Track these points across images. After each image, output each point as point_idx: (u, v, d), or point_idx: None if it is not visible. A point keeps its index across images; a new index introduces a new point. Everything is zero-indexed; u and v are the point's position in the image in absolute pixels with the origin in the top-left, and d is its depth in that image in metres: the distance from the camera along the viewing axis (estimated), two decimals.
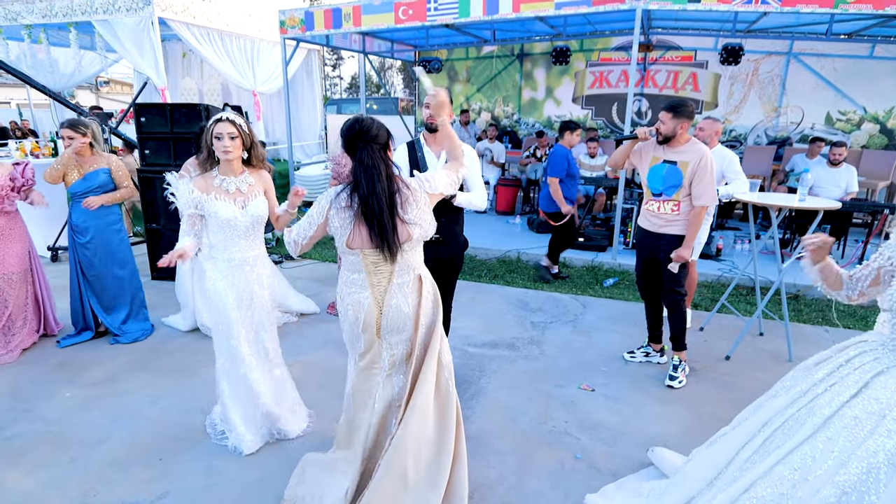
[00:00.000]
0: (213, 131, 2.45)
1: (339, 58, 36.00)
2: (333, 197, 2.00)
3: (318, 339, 4.00)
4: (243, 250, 2.61)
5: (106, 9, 7.16)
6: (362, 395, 2.21)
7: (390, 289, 2.06)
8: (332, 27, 6.93)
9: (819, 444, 1.60)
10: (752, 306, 4.59)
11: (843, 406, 1.61)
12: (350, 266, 2.08)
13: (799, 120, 8.25)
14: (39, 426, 2.89)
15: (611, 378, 3.46)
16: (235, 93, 10.72)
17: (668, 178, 3.24)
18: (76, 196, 3.71)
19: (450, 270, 3.14)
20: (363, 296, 2.07)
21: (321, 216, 2.03)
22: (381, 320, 2.08)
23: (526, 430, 2.89)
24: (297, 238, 2.09)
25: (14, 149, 6.05)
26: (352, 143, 1.97)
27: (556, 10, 5.60)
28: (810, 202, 3.60)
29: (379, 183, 1.92)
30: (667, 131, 3.21)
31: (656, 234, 3.35)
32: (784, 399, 1.81)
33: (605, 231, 6.32)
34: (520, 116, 10.27)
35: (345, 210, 1.97)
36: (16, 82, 7.88)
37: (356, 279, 2.08)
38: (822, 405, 1.65)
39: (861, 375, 1.63)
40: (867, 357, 1.65)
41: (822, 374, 1.73)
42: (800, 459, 1.62)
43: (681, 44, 8.63)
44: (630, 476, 2.49)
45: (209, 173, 2.54)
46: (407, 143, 2.96)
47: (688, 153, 3.21)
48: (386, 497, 2.01)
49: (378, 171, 1.93)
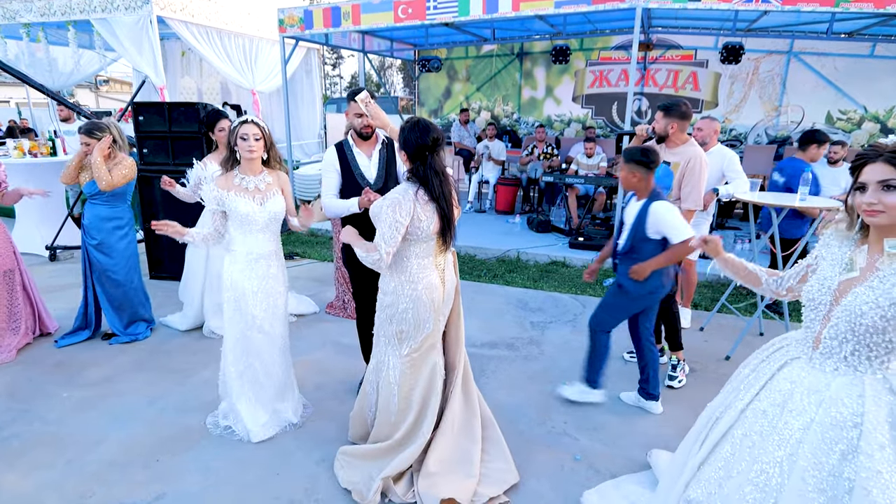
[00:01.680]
0: (240, 132, 2.59)
1: (338, 57, 35.98)
2: (412, 197, 2.18)
3: (316, 340, 3.99)
4: (261, 245, 2.73)
5: (104, 7, 7.14)
6: (420, 381, 2.40)
7: (447, 265, 2.39)
8: (331, 26, 6.92)
9: (737, 439, 1.67)
10: (753, 306, 4.58)
11: (753, 400, 1.68)
12: (421, 252, 2.29)
13: (799, 119, 8.24)
14: (37, 427, 2.88)
15: (610, 378, 3.44)
16: (234, 92, 10.70)
17: (662, 178, 3.24)
18: (91, 196, 3.72)
19: None
20: (433, 277, 2.31)
21: (407, 216, 2.16)
22: (444, 295, 2.36)
23: (525, 431, 2.88)
24: (390, 248, 2.16)
25: (12, 147, 6.03)
26: (422, 151, 2.19)
27: (555, 8, 5.59)
28: (810, 201, 3.59)
29: (446, 185, 2.24)
30: (659, 130, 3.23)
31: None
32: (719, 397, 1.90)
33: (605, 231, 6.31)
34: (519, 115, 10.25)
35: (429, 203, 2.21)
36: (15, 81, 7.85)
37: (426, 263, 2.30)
38: (737, 401, 1.75)
39: (769, 368, 1.70)
40: (781, 352, 1.72)
41: (747, 371, 1.80)
42: (722, 457, 1.69)
43: (681, 43, 8.62)
44: (629, 476, 2.48)
45: (230, 173, 2.67)
46: (335, 144, 2.92)
47: (680, 154, 3.21)
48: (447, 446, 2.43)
49: (445, 175, 2.24)
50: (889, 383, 1.44)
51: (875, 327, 1.41)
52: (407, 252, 2.27)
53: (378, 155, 2.91)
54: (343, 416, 2.99)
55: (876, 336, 1.42)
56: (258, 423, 2.76)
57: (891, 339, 1.42)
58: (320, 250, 6.35)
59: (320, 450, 2.69)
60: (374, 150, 2.91)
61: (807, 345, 1.61)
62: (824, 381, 1.52)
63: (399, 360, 2.38)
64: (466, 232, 5.66)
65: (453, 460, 2.42)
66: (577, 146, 7.98)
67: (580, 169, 7.34)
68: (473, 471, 2.39)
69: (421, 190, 2.20)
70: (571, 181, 6.94)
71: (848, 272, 1.51)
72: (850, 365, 1.49)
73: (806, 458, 1.45)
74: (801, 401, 1.54)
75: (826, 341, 1.53)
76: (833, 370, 1.52)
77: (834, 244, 1.61)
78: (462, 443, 2.48)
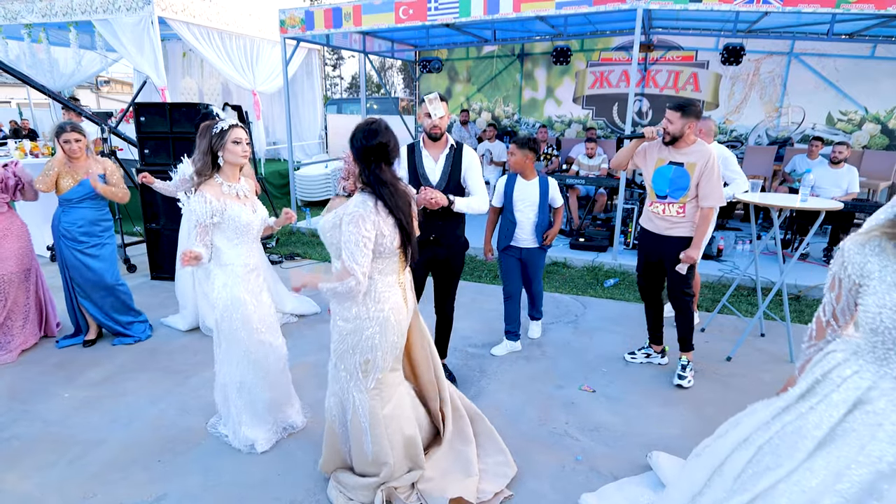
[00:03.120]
0: (232, 136, 2.48)
1: (339, 57, 35.99)
2: (373, 209, 1.98)
3: (316, 341, 3.99)
4: (254, 255, 2.65)
5: (106, 8, 7.15)
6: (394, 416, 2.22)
7: (408, 283, 2.23)
8: (332, 27, 6.92)
9: (818, 461, 1.48)
10: (754, 307, 4.58)
11: (838, 425, 1.49)
12: (386, 269, 2.10)
13: (800, 120, 8.23)
14: (38, 427, 2.88)
15: (612, 379, 3.45)
16: (235, 92, 10.71)
17: (676, 180, 3.18)
18: (71, 202, 3.60)
19: (448, 271, 3.14)
20: (398, 296, 2.14)
21: (374, 230, 1.97)
22: (407, 316, 2.20)
23: (526, 432, 2.88)
24: (364, 267, 1.96)
25: (13, 148, 6.04)
26: (366, 155, 2.01)
27: (556, 9, 5.58)
28: (812, 203, 3.59)
29: (399, 196, 2.04)
30: (674, 131, 3.12)
31: (661, 236, 3.30)
32: (764, 414, 1.70)
33: (606, 231, 6.31)
34: (520, 116, 10.25)
35: (389, 216, 2.02)
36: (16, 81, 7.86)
37: (391, 281, 2.12)
38: (812, 426, 1.53)
39: (847, 393, 1.50)
40: (846, 370, 1.53)
41: (799, 391, 1.61)
42: (798, 477, 1.49)
43: (682, 44, 8.61)
44: (631, 478, 2.48)
45: (213, 180, 2.51)
46: (408, 145, 2.97)
47: (694, 154, 3.14)
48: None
49: (395, 186, 2.04)
50: None
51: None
52: (371, 271, 2.07)
53: (445, 159, 2.96)
54: None
55: None
56: (259, 437, 2.68)
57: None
58: (321, 251, 6.36)
59: (321, 451, 2.68)
60: (442, 153, 2.96)
61: (889, 366, 1.43)
62: None
63: (365, 395, 2.16)
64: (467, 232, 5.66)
65: (452, 467, 2.39)
66: (577, 147, 7.98)
67: (581, 170, 7.33)
68: (473, 469, 2.38)
69: (379, 202, 2.00)
70: (572, 182, 6.94)
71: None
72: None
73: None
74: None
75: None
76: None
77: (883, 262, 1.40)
78: (456, 446, 2.46)
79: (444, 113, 2.86)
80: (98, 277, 3.71)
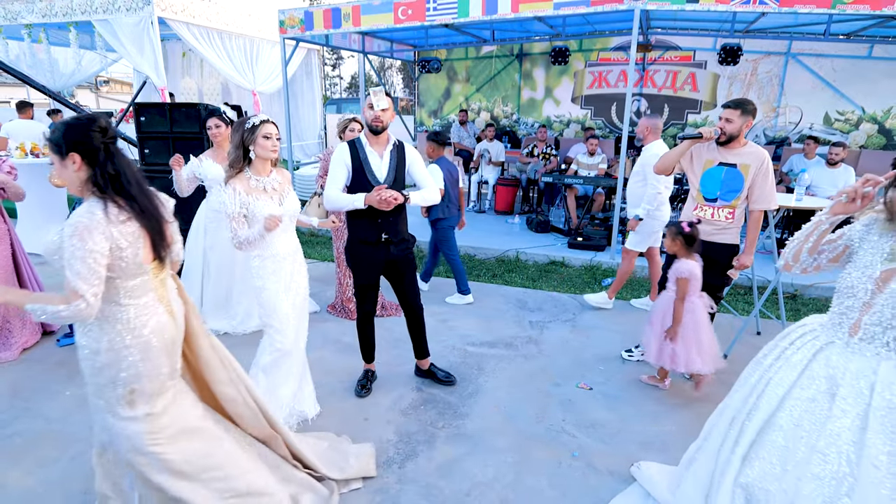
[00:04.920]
0: (262, 132, 2.53)
1: (338, 57, 36.02)
2: (104, 217, 1.64)
3: (317, 339, 4.01)
4: (285, 244, 2.71)
5: (106, 8, 7.18)
6: (185, 441, 1.88)
7: (170, 291, 1.91)
8: (331, 27, 6.95)
9: (787, 429, 1.69)
10: (750, 305, 4.61)
11: (794, 387, 1.72)
12: (138, 291, 1.77)
13: (797, 120, 8.27)
14: (40, 424, 2.91)
15: (609, 377, 3.48)
16: (235, 92, 10.74)
17: (729, 181, 3.07)
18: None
19: (405, 267, 3.09)
20: (161, 314, 1.83)
21: (106, 242, 1.64)
22: (176, 329, 1.89)
23: (524, 429, 2.90)
24: (94, 287, 1.63)
25: (13, 148, 6.06)
26: (91, 154, 1.67)
27: (554, 10, 5.61)
28: (807, 202, 3.62)
29: (142, 198, 1.75)
30: (733, 130, 3.00)
31: (704, 241, 3.12)
32: (742, 392, 1.92)
33: (604, 231, 6.34)
34: (519, 116, 10.28)
35: (127, 222, 1.70)
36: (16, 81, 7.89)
37: (148, 302, 1.80)
38: (774, 387, 1.77)
39: (801, 355, 1.75)
40: (807, 337, 1.78)
41: (770, 361, 1.85)
42: (776, 448, 1.70)
43: (679, 44, 8.65)
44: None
45: (243, 174, 2.59)
46: (348, 141, 2.94)
47: (748, 155, 3.03)
48: None
49: (130, 172, 1.74)
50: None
51: None
52: (116, 295, 1.74)
53: (389, 155, 2.93)
54: (344, 413, 3.02)
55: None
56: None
57: None
58: (320, 250, 6.38)
59: None
60: (386, 150, 2.92)
61: (842, 330, 1.68)
62: (869, 366, 1.58)
63: (140, 425, 1.79)
64: (466, 232, 5.68)
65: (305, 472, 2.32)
66: (576, 146, 8.00)
67: (580, 169, 7.36)
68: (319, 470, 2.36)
69: (111, 205, 1.68)
70: (570, 181, 6.97)
71: (890, 262, 1.59)
72: (892, 349, 1.56)
73: (874, 444, 1.49)
74: (850, 386, 1.58)
75: (867, 327, 1.60)
76: (875, 355, 1.59)
77: (874, 234, 1.67)
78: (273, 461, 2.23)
79: (387, 106, 2.82)
80: None
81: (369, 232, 2.92)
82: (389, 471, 2.57)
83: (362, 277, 3.04)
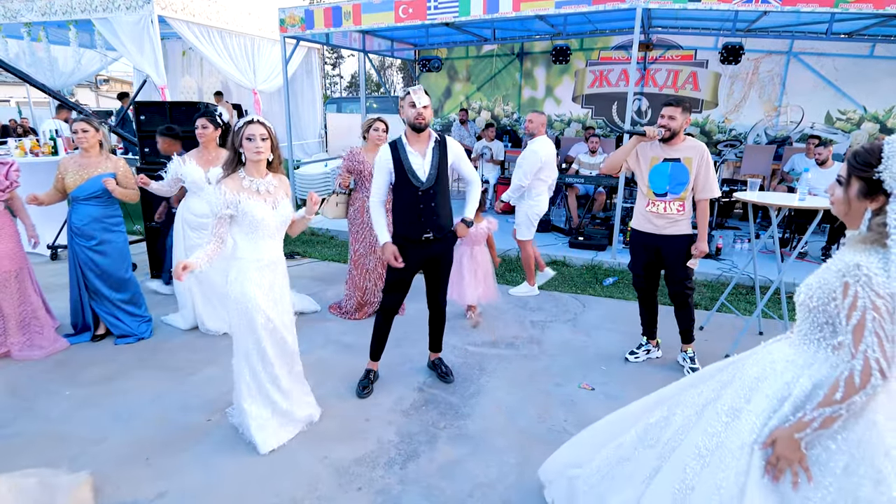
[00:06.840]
0: (245, 133, 2.48)
1: (339, 56, 35.97)
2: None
3: (318, 338, 4.00)
4: (270, 251, 2.62)
5: (105, 7, 7.15)
6: None
7: None
8: (332, 26, 6.93)
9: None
10: (752, 305, 4.60)
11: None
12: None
13: (799, 119, 8.25)
14: (40, 424, 2.89)
15: (610, 377, 3.46)
16: (235, 91, 10.72)
17: (676, 175, 3.24)
18: (79, 199, 3.64)
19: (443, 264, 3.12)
20: None
21: None
22: None
23: (525, 429, 2.89)
24: None
25: (13, 147, 6.04)
26: None
27: (556, 8, 5.60)
28: (810, 202, 3.60)
29: None
30: (676, 126, 3.19)
31: (660, 235, 3.34)
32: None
33: (605, 230, 6.32)
34: (519, 115, 10.26)
35: None
36: (15, 80, 7.87)
37: None
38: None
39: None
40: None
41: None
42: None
43: (681, 43, 8.62)
44: None
45: (236, 174, 2.53)
46: (389, 142, 2.92)
47: (690, 149, 3.23)
48: None
49: None
50: (830, 363, 1.53)
51: (804, 305, 1.58)
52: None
53: (431, 153, 2.88)
54: (345, 414, 3.01)
55: (814, 315, 1.56)
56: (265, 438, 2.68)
57: (825, 320, 1.53)
58: (321, 249, 6.37)
59: (322, 447, 2.71)
60: (427, 148, 2.89)
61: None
62: (789, 352, 1.67)
63: None
64: None
65: None
66: (577, 146, 7.99)
67: (581, 168, 7.34)
68: None
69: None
70: (571, 181, 6.96)
71: None
72: (809, 341, 1.62)
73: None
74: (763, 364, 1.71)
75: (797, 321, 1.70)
76: (799, 344, 1.66)
77: None
78: None
79: (428, 102, 2.82)
80: (108, 272, 3.76)
81: (412, 229, 2.91)
82: (391, 472, 2.55)
83: (399, 272, 3.00)
